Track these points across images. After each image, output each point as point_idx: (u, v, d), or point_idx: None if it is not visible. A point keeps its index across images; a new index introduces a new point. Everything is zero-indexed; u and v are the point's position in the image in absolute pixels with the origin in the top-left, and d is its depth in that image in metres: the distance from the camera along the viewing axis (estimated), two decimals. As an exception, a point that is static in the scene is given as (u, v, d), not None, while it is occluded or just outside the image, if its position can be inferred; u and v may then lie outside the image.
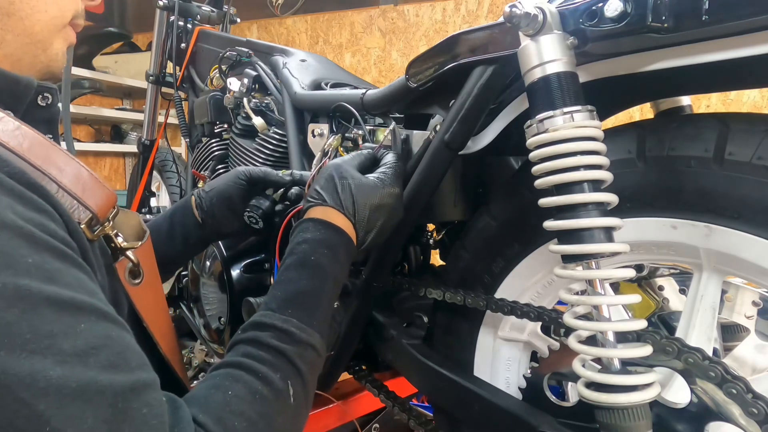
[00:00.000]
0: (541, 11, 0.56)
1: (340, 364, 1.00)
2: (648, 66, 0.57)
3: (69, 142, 1.14)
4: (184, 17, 1.58)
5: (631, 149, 0.63)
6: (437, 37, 2.98)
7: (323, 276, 0.63)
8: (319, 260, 0.63)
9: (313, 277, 0.62)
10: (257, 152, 1.16)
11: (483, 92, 0.68)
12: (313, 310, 0.60)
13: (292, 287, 0.61)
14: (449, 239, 1.06)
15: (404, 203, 0.77)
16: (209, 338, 1.17)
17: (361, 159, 0.77)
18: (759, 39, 0.49)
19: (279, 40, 3.47)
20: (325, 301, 0.62)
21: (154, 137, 1.82)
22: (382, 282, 0.89)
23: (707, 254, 0.61)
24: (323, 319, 0.61)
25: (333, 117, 0.95)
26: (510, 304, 0.74)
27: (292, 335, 0.56)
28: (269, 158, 1.15)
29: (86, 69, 3.05)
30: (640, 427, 0.53)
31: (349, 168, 0.71)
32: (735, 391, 0.54)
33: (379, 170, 0.74)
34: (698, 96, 2.27)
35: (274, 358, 0.54)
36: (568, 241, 0.56)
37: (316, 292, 0.62)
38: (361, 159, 0.77)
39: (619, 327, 0.55)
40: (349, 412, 1.26)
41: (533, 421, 0.68)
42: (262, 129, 1.15)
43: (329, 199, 0.68)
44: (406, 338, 0.90)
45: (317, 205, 0.68)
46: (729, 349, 0.94)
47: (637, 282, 1.05)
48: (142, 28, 3.54)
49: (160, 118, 1.78)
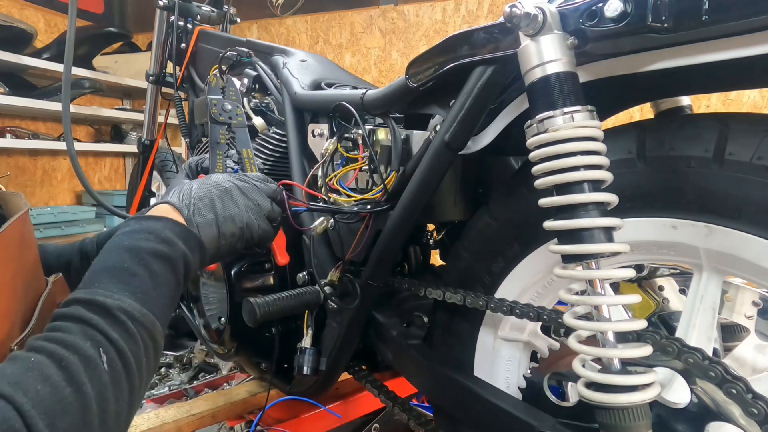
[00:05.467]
0: (541, 11, 0.56)
1: (340, 364, 1.00)
2: (648, 66, 0.57)
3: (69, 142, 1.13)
4: (184, 17, 1.58)
5: (631, 149, 0.63)
6: (437, 37, 2.98)
7: (138, 253, 0.61)
8: (134, 243, 0.62)
9: (123, 256, 0.61)
10: (257, 152, 1.16)
11: (483, 92, 0.68)
12: (127, 282, 0.58)
13: (98, 267, 0.60)
14: (449, 239, 1.06)
15: (405, 203, 0.77)
16: (209, 338, 1.17)
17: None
18: (759, 39, 0.48)
19: (279, 40, 3.47)
20: (145, 275, 0.60)
21: (154, 137, 1.81)
22: (382, 282, 0.89)
23: (707, 254, 0.61)
24: (145, 290, 0.59)
25: (333, 117, 0.95)
26: (510, 304, 0.74)
27: (97, 303, 0.54)
28: (269, 158, 1.15)
29: (86, 69, 3.04)
30: (640, 427, 0.53)
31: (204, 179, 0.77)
32: (735, 391, 0.54)
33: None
34: (698, 96, 2.27)
35: (78, 326, 0.52)
36: (568, 241, 0.56)
37: (130, 268, 0.60)
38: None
39: (619, 327, 0.55)
40: (349, 412, 1.26)
41: (533, 421, 0.68)
42: (262, 129, 1.15)
43: (169, 197, 0.73)
44: (406, 338, 0.90)
45: (152, 206, 0.73)
46: (729, 349, 0.94)
47: (637, 282, 1.05)
48: (142, 28, 3.54)
49: (160, 118, 1.78)
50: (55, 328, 0.51)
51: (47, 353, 0.48)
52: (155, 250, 0.63)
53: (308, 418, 1.21)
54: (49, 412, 0.44)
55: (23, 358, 0.47)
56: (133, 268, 0.60)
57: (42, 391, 0.44)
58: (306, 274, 1.03)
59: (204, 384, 1.63)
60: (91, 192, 1.20)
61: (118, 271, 0.59)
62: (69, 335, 0.50)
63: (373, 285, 0.89)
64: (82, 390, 0.47)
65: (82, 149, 3.20)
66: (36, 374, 0.45)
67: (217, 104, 0.94)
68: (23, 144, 2.90)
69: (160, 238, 0.64)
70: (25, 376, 0.45)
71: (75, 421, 0.46)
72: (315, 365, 0.99)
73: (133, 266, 0.60)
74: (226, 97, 0.97)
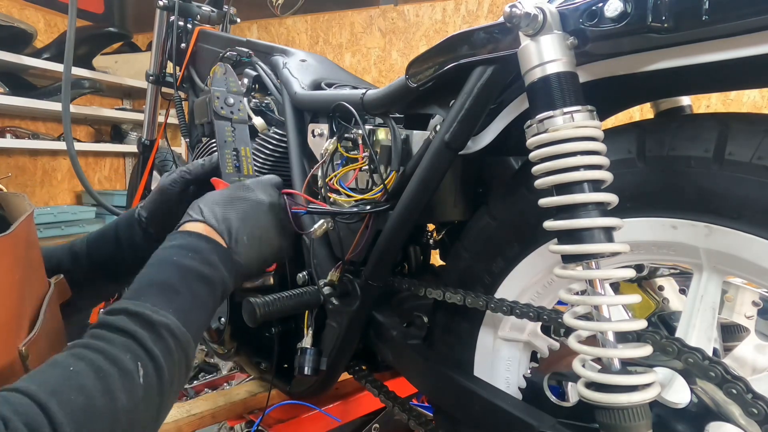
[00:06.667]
0: (541, 11, 0.56)
1: (340, 364, 1.00)
2: (648, 66, 0.57)
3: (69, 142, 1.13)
4: (184, 17, 1.58)
5: (631, 149, 0.63)
6: (437, 37, 2.98)
7: (185, 272, 0.63)
8: (181, 261, 0.64)
9: (171, 272, 0.62)
10: (257, 152, 1.15)
11: (483, 92, 0.68)
12: (170, 298, 0.60)
13: (146, 279, 0.62)
14: (449, 239, 1.06)
15: (405, 203, 0.77)
16: (209, 338, 1.17)
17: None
18: (759, 39, 0.48)
19: (279, 40, 3.47)
20: (188, 295, 0.62)
21: (154, 137, 1.81)
22: (382, 282, 0.89)
23: (707, 254, 0.61)
24: (186, 310, 0.61)
25: (333, 117, 0.95)
26: (510, 304, 0.74)
27: (144, 318, 0.56)
28: (269, 158, 1.15)
29: (86, 69, 3.04)
30: (640, 427, 0.53)
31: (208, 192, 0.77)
32: (735, 391, 0.54)
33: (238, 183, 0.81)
34: (698, 96, 2.27)
35: (123, 338, 0.54)
36: (568, 241, 0.56)
37: (175, 286, 0.61)
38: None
39: (619, 327, 0.55)
40: (349, 412, 1.26)
41: (533, 421, 0.68)
42: (262, 129, 1.15)
43: (194, 214, 0.73)
44: (406, 338, 0.90)
45: (186, 222, 0.73)
46: (729, 349, 0.94)
47: (637, 282, 1.05)
48: (142, 28, 3.54)
49: (160, 118, 1.78)
50: (99, 336, 0.53)
51: (87, 362, 0.50)
52: (200, 273, 0.65)
53: (308, 418, 1.21)
54: (79, 421, 0.46)
55: (64, 365, 0.49)
56: (178, 286, 0.61)
57: (76, 400, 0.46)
58: (306, 274, 1.03)
59: (204, 384, 1.63)
60: (91, 192, 1.21)
61: (165, 287, 0.61)
62: (111, 347, 0.52)
63: (373, 285, 0.89)
64: (115, 402, 0.49)
65: (82, 149, 3.20)
66: (73, 383, 0.47)
67: (220, 97, 0.90)
68: (23, 144, 2.90)
69: (206, 261, 0.66)
70: (63, 384, 0.47)
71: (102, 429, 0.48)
72: (316, 365, 0.99)
73: (178, 284, 0.62)
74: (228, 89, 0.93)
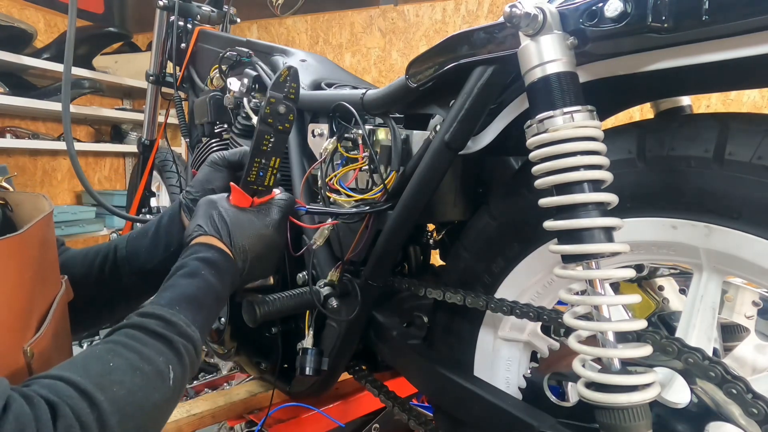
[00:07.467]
0: (541, 11, 0.56)
1: (341, 364, 1.00)
2: (648, 66, 0.57)
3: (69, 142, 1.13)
4: (184, 17, 1.58)
5: (631, 149, 0.63)
6: (437, 37, 2.98)
7: (208, 289, 0.67)
8: (207, 276, 0.68)
9: (199, 287, 0.66)
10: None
11: (483, 92, 0.68)
12: (197, 314, 0.64)
13: (180, 290, 0.65)
14: (449, 239, 1.06)
15: (404, 203, 0.77)
16: (209, 338, 1.17)
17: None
18: (759, 39, 0.48)
19: (279, 40, 3.47)
20: (206, 311, 0.66)
21: (154, 137, 1.81)
22: (382, 282, 0.89)
23: (707, 254, 0.61)
24: (204, 326, 0.65)
25: (333, 117, 0.95)
26: (510, 304, 0.74)
27: (178, 327, 0.60)
28: (269, 158, 1.15)
29: (86, 69, 3.04)
30: (640, 427, 0.53)
31: (223, 202, 0.78)
32: (735, 391, 0.54)
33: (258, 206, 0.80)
34: (698, 96, 2.27)
35: (159, 343, 0.57)
36: (568, 241, 0.56)
37: (202, 302, 0.66)
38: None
39: (619, 327, 0.55)
40: (349, 412, 1.26)
41: (533, 421, 0.68)
42: (262, 129, 1.15)
43: (209, 229, 0.74)
44: (406, 338, 0.90)
45: (200, 234, 0.74)
46: (729, 349, 0.94)
47: (637, 282, 1.05)
48: (142, 28, 3.54)
49: (160, 118, 1.78)
50: (133, 337, 0.56)
51: (125, 359, 0.53)
52: (218, 292, 0.69)
53: (308, 418, 1.21)
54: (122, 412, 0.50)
55: (104, 360, 0.52)
56: (202, 301, 0.66)
57: (118, 392, 0.50)
58: (306, 274, 1.03)
59: (204, 384, 1.63)
60: (91, 192, 1.20)
61: (194, 301, 0.65)
62: (146, 348, 0.56)
63: (373, 285, 0.89)
64: (150, 400, 0.53)
65: (82, 149, 3.20)
66: (114, 377, 0.51)
67: (275, 103, 0.79)
68: (23, 144, 2.90)
69: (222, 280, 0.70)
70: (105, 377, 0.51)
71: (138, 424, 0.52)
72: (317, 366, 0.99)
73: (203, 299, 0.66)
74: (286, 95, 0.80)
